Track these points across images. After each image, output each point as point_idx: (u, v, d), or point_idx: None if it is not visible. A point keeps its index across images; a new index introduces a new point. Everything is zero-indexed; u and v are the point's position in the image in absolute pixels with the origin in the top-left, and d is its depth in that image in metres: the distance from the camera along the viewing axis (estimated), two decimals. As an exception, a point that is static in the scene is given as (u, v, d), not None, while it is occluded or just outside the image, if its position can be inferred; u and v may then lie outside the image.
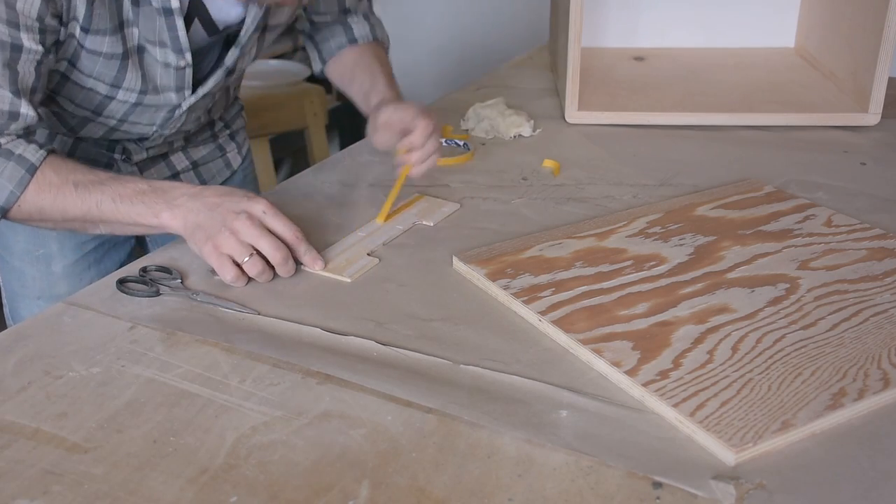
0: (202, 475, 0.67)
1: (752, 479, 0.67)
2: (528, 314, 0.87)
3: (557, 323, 0.84)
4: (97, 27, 0.96)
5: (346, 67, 1.30)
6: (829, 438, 0.71)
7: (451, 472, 0.68)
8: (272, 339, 0.84)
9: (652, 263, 0.95)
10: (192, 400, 0.75)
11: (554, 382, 0.78)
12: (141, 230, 0.96)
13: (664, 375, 0.76)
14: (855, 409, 0.73)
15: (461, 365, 0.80)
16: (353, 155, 1.28)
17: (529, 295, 0.89)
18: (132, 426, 0.72)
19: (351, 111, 3.21)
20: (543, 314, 0.85)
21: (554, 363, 0.81)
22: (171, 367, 0.80)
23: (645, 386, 0.75)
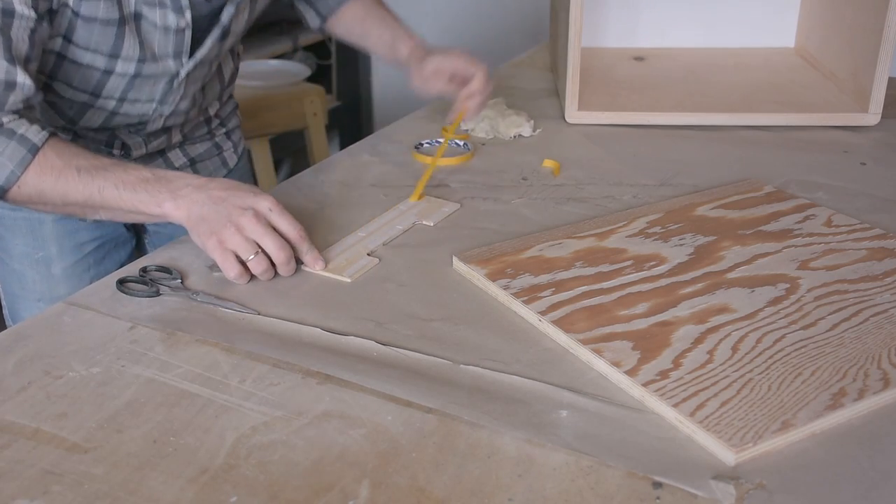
0: (202, 475, 0.67)
1: (752, 479, 0.67)
2: (528, 314, 0.87)
3: (557, 323, 0.84)
4: None
5: (354, 22, 1.33)
6: (829, 438, 0.71)
7: (451, 472, 0.68)
8: (272, 339, 0.84)
9: (652, 263, 0.95)
10: (192, 400, 0.75)
11: (554, 382, 0.78)
12: (142, 218, 0.96)
13: (664, 375, 0.76)
14: (855, 409, 0.73)
15: (461, 365, 0.80)
16: (353, 155, 1.28)
17: (529, 295, 0.89)
18: (132, 426, 0.72)
19: (351, 111, 3.23)
20: (543, 314, 0.85)
21: (554, 363, 0.81)
22: (171, 367, 0.80)
23: (645, 386, 0.75)
